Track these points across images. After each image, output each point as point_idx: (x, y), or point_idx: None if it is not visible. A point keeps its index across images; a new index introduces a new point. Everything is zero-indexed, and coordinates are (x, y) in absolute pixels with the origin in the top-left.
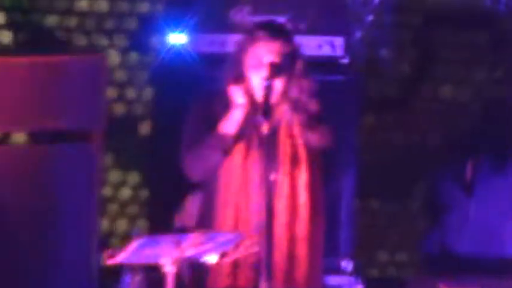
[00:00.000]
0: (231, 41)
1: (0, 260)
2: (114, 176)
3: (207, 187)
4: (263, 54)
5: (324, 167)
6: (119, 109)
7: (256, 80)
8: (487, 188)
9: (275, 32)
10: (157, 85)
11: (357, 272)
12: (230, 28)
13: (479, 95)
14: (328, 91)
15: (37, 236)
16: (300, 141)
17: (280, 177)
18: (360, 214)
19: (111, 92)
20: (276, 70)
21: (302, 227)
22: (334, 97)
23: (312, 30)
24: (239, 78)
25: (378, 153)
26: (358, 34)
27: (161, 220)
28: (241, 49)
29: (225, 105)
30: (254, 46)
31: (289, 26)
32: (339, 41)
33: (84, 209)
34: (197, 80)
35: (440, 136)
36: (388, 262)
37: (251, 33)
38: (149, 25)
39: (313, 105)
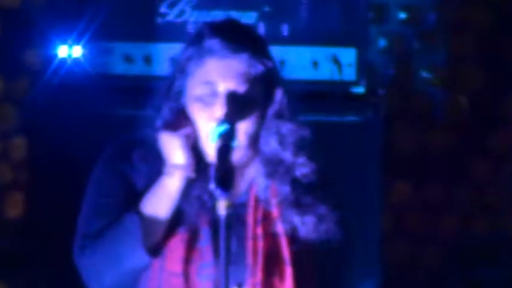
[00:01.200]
0: (162, 55)
1: None
2: None
3: None
4: (216, 78)
5: (324, 272)
6: None
7: (206, 123)
8: None
9: (237, 40)
10: (35, 132)
11: None
12: (159, 34)
13: None
14: (332, 141)
15: None
16: (281, 230)
17: None
18: None
19: None
20: (238, 106)
21: None
22: (341, 152)
23: (303, 38)
24: (177, 120)
25: (416, 246)
26: (382, 43)
27: None
28: (180, 70)
29: (153, 167)
30: (201, 65)
31: (261, 29)
32: (348, 54)
33: None
34: (103, 122)
35: None
36: None
37: (196, 42)
38: (19, 29)
39: (304, 167)
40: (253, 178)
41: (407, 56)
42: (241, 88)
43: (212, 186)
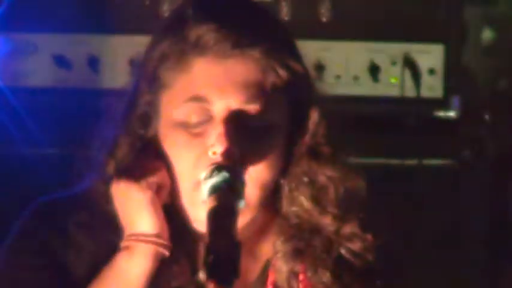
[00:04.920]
0: (116, 55)
1: None
2: None
3: None
4: (210, 92)
5: None
6: None
7: (192, 168)
8: None
9: (243, 26)
10: None
11: None
12: (112, 20)
13: None
14: (404, 198)
15: None
16: None
17: None
18: None
19: None
20: (247, 139)
21: None
22: (419, 215)
23: (353, 26)
24: (142, 162)
25: None
26: (487, 36)
27: None
28: (149, 78)
29: (101, 239)
30: (185, 70)
31: (281, 10)
32: (431, 53)
33: None
34: (15, 167)
35: None
36: None
37: (175, 31)
38: None
39: (354, 241)
40: (269, 259)
41: None
42: (251, 108)
43: (201, 275)
